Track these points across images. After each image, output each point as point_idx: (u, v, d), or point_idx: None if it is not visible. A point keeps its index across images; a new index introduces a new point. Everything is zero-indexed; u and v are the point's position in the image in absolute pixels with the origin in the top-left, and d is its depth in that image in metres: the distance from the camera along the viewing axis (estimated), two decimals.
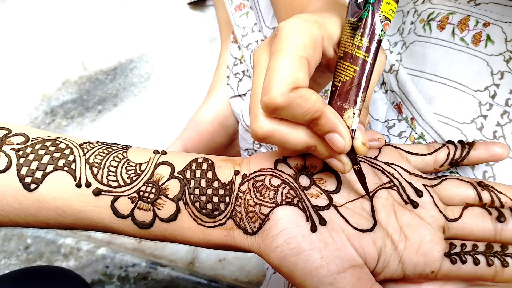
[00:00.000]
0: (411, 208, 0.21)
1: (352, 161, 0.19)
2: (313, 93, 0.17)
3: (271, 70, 0.17)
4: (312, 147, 0.19)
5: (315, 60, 0.18)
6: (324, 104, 0.17)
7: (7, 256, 0.51)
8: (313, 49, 0.18)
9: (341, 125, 0.18)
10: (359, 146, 0.19)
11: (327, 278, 0.18)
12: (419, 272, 0.20)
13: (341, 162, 0.19)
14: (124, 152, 0.21)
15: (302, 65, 0.17)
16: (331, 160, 0.19)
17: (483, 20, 0.25)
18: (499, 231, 0.21)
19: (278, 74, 0.17)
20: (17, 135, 0.21)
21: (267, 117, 0.18)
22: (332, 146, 0.18)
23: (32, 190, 0.20)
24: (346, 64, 0.18)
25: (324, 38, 0.19)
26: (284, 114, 0.18)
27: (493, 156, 0.23)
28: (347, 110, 0.18)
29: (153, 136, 0.61)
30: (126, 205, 0.20)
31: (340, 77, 0.19)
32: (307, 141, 0.19)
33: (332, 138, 0.18)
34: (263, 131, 0.18)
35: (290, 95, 0.17)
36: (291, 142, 0.18)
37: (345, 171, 0.19)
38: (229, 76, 0.43)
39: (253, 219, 0.20)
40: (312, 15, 0.19)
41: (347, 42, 0.19)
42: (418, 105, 0.27)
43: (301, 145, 0.19)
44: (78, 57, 0.68)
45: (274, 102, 0.17)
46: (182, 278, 0.49)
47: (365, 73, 0.18)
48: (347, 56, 0.18)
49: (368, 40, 0.18)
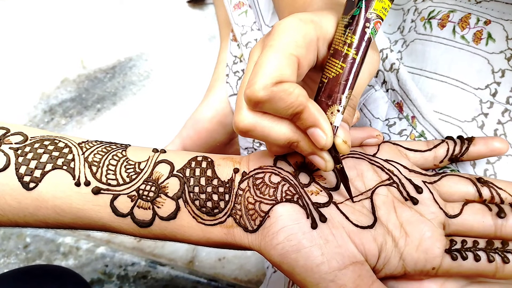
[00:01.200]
0: (411, 204, 0.21)
1: (334, 160, 0.19)
2: (297, 87, 0.17)
3: (258, 64, 0.17)
4: (295, 143, 0.19)
5: (308, 60, 0.18)
6: (307, 98, 0.17)
7: (6, 255, 0.51)
8: (306, 48, 0.18)
9: (323, 120, 0.18)
10: (340, 143, 0.18)
11: (328, 274, 0.18)
12: (420, 268, 0.20)
13: (322, 159, 0.19)
14: (123, 150, 0.21)
15: (290, 62, 0.17)
16: (313, 157, 0.19)
17: (484, 18, 0.25)
18: (500, 227, 0.21)
19: (263, 68, 0.17)
20: (16, 134, 0.21)
21: (250, 110, 0.18)
22: (314, 141, 0.18)
23: (31, 189, 0.20)
24: (334, 61, 0.18)
25: (319, 38, 0.19)
26: (266, 108, 0.18)
27: (492, 150, 0.23)
28: (331, 106, 0.18)
29: (152, 134, 0.61)
30: (126, 204, 0.20)
31: (328, 73, 0.19)
32: (289, 136, 0.19)
33: (313, 133, 0.18)
34: (244, 124, 0.18)
35: (273, 89, 0.17)
36: (273, 136, 0.18)
37: (326, 169, 0.19)
38: (229, 75, 0.43)
39: (253, 216, 0.20)
40: (308, 14, 0.19)
41: (338, 39, 0.19)
42: (418, 104, 0.27)
43: (283, 139, 0.19)
44: (77, 55, 0.67)
45: (256, 95, 0.17)
46: (181, 277, 0.49)
47: (352, 71, 0.18)
48: (336, 53, 0.18)
49: (358, 38, 0.18)
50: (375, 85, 0.30)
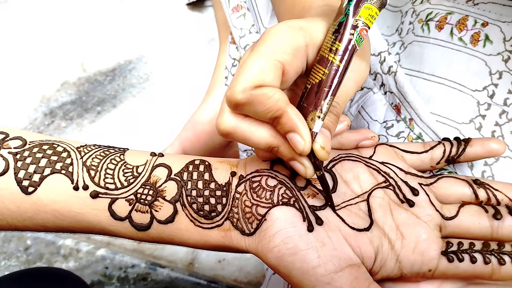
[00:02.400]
0: (407, 207, 0.21)
1: (314, 166, 0.19)
2: (277, 92, 0.17)
3: (241, 67, 0.17)
4: (275, 148, 0.19)
5: (295, 67, 0.18)
6: (287, 103, 0.17)
7: (7, 257, 0.51)
8: (292, 55, 0.18)
9: (302, 125, 0.18)
10: (318, 149, 0.18)
11: (325, 277, 0.18)
12: (416, 270, 0.20)
13: (302, 165, 0.19)
14: (121, 154, 0.22)
15: (273, 67, 0.17)
16: (294, 163, 0.19)
17: (481, 20, 0.25)
18: (496, 228, 0.21)
19: (245, 71, 0.17)
20: (15, 139, 0.21)
21: (232, 113, 0.18)
22: (293, 146, 0.18)
23: (29, 193, 0.20)
24: (319, 67, 0.18)
25: (309, 45, 0.19)
26: (246, 110, 0.18)
27: (489, 152, 0.23)
28: (312, 112, 0.18)
29: (152, 136, 0.61)
30: (124, 208, 0.20)
31: (312, 79, 0.18)
32: (269, 141, 0.19)
33: (292, 138, 0.18)
34: (225, 126, 0.18)
35: (252, 92, 0.17)
36: (253, 140, 0.18)
37: (306, 175, 0.19)
38: (228, 77, 0.43)
39: (250, 219, 0.20)
40: (299, 21, 0.19)
41: (325, 46, 0.18)
42: (416, 106, 0.27)
43: (263, 144, 0.19)
44: (77, 58, 0.68)
45: (235, 97, 0.17)
46: (181, 278, 0.49)
47: (335, 78, 0.18)
48: (322, 60, 0.18)
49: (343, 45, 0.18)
50: (373, 87, 0.30)
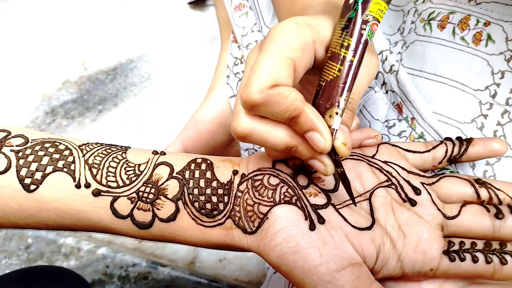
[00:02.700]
0: (409, 206, 0.21)
1: (334, 163, 0.19)
2: (293, 91, 0.17)
3: (253, 68, 0.17)
4: (293, 148, 0.19)
5: (304, 63, 0.18)
6: (304, 102, 0.17)
7: (8, 256, 0.51)
8: (302, 51, 0.18)
9: (321, 123, 0.17)
10: (339, 146, 0.18)
11: (326, 276, 0.18)
12: (418, 270, 0.20)
13: (322, 163, 0.19)
14: (123, 153, 0.22)
15: (285, 65, 0.17)
16: (313, 162, 0.19)
17: (483, 19, 0.25)
18: (498, 228, 0.21)
19: (259, 71, 0.17)
20: (17, 137, 0.21)
21: (247, 115, 0.18)
22: (313, 145, 0.18)
23: (31, 191, 0.20)
24: (332, 63, 0.18)
25: (316, 41, 0.19)
26: (262, 111, 0.18)
27: (491, 152, 0.23)
28: (329, 109, 0.18)
29: (153, 135, 0.61)
30: (126, 206, 0.20)
31: (325, 76, 0.18)
32: (287, 141, 0.18)
33: (312, 136, 0.18)
34: (242, 129, 0.18)
35: (269, 92, 0.17)
36: (271, 141, 0.18)
37: (327, 173, 0.19)
38: (229, 76, 0.43)
39: (252, 218, 0.20)
40: (304, 18, 0.19)
41: (335, 42, 0.19)
42: (418, 105, 0.27)
43: (281, 145, 0.18)
44: (78, 57, 0.68)
45: (251, 98, 0.17)
46: (182, 277, 0.49)
47: (350, 73, 0.18)
48: (334, 56, 0.18)
49: (355, 40, 0.18)
50: (374, 86, 0.30)
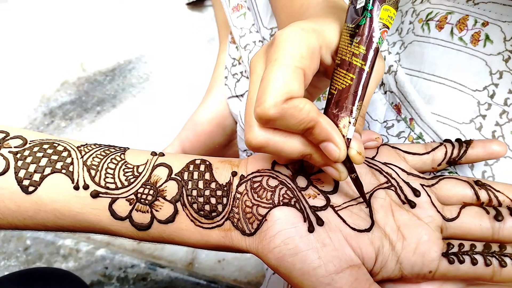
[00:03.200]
0: (409, 208, 0.21)
1: (348, 170, 0.19)
2: (307, 103, 0.17)
3: (265, 80, 0.17)
4: (308, 156, 0.19)
5: (312, 70, 0.18)
6: (318, 113, 0.17)
7: (6, 258, 0.51)
8: (310, 59, 0.18)
9: (336, 134, 0.18)
10: (354, 155, 0.18)
11: (325, 278, 0.18)
12: (417, 272, 0.20)
13: (337, 170, 0.19)
14: (121, 154, 0.21)
15: (297, 76, 0.17)
16: (327, 168, 0.19)
17: (482, 19, 0.25)
18: (497, 230, 0.21)
19: (271, 85, 0.17)
20: (15, 138, 0.21)
21: (261, 127, 0.18)
22: (328, 155, 0.18)
23: (30, 192, 0.20)
24: (343, 72, 0.18)
25: (322, 47, 0.19)
26: (278, 125, 0.18)
27: (491, 154, 0.23)
28: (343, 118, 0.18)
29: (152, 136, 0.61)
30: (124, 207, 0.20)
31: (337, 85, 0.18)
32: (302, 150, 0.19)
33: (326, 147, 0.18)
34: (257, 142, 0.18)
35: (284, 106, 0.17)
36: (286, 151, 0.18)
37: (341, 179, 0.19)
38: (227, 77, 0.43)
39: (250, 220, 0.20)
40: (310, 23, 0.19)
41: (344, 49, 0.18)
42: (416, 106, 0.27)
43: (296, 154, 0.19)
44: (76, 58, 0.68)
45: (267, 113, 0.17)
46: (181, 279, 0.49)
47: (361, 82, 0.18)
48: (344, 64, 0.18)
49: (366, 48, 0.18)
50: None
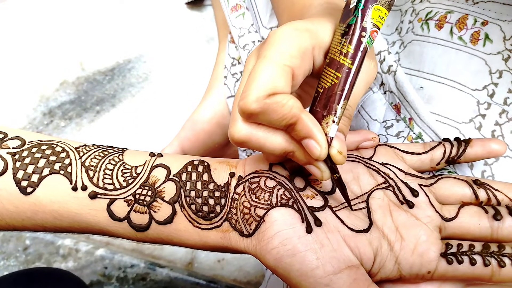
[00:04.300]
0: (407, 208, 0.21)
1: (330, 170, 0.19)
2: (291, 99, 0.17)
3: (251, 76, 0.17)
4: (290, 153, 0.19)
5: (303, 70, 0.18)
6: (301, 110, 0.17)
7: (5, 257, 0.51)
8: (300, 58, 0.18)
9: (317, 131, 0.17)
10: (335, 154, 0.18)
11: (323, 279, 0.18)
12: (415, 272, 0.20)
13: (319, 169, 0.19)
14: (120, 155, 0.21)
15: (283, 73, 0.17)
16: (309, 167, 0.19)
17: (481, 18, 0.25)
18: (496, 229, 0.20)
19: (256, 80, 0.17)
20: (13, 139, 0.21)
21: (245, 121, 0.18)
22: (309, 152, 0.18)
23: (28, 193, 0.20)
24: (330, 70, 0.18)
25: (315, 48, 0.18)
26: (260, 119, 0.18)
27: (490, 152, 0.23)
28: (326, 117, 0.18)
29: (151, 136, 0.61)
30: (122, 208, 0.20)
31: (323, 83, 0.18)
32: (284, 147, 0.19)
33: (308, 144, 0.18)
34: (239, 136, 0.18)
35: (266, 101, 0.17)
36: (268, 147, 0.18)
37: (323, 179, 0.19)
38: (227, 76, 0.43)
39: (248, 221, 0.20)
40: (304, 23, 0.19)
41: (334, 49, 0.18)
42: (416, 105, 0.27)
43: (278, 150, 0.19)
44: (76, 57, 0.68)
45: (249, 107, 0.17)
46: (181, 278, 0.49)
47: (348, 81, 0.18)
48: (332, 63, 0.18)
49: (354, 48, 0.17)
50: (373, 87, 0.30)
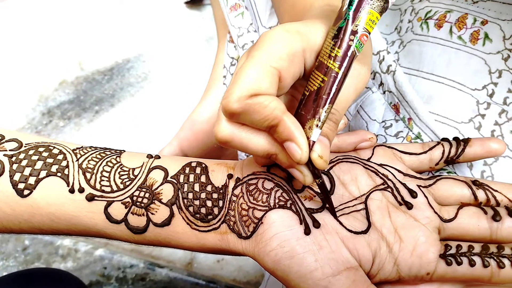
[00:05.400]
0: (406, 209, 0.21)
1: (313, 174, 0.19)
2: (274, 100, 0.17)
3: (237, 75, 0.17)
4: (274, 155, 0.19)
5: (292, 72, 0.18)
6: (283, 112, 0.17)
7: (5, 258, 0.51)
8: (289, 61, 0.17)
9: (298, 134, 0.17)
10: (316, 158, 0.18)
11: (322, 281, 0.18)
12: (414, 273, 0.20)
13: (301, 173, 0.19)
14: (117, 156, 0.21)
15: (269, 75, 0.17)
16: (292, 171, 0.19)
17: (481, 18, 0.25)
18: (495, 230, 0.20)
19: (240, 80, 0.17)
20: (10, 141, 0.21)
21: (228, 121, 0.18)
22: (290, 155, 0.18)
23: (25, 196, 0.20)
24: (318, 74, 0.18)
25: (306, 50, 0.18)
26: (242, 119, 0.18)
27: (489, 152, 0.22)
28: (310, 120, 0.18)
29: (150, 135, 0.61)
30: (120, 210, 0.20)
31: (310, 86, 0.18)
32: (267, 148, 0.18)
33: (289, 146, 0.17)
34: (222, 135, 0.18)
35: (248, 101, 0.17)
36: (251, 147, 0.18)
37: (305, 183, 0.19)
38: (226, 76, 0.43)
39: (246, 223, 0.20)
40: (296, 25, 0.18)
41: (324, 51, 0.18)
42: (415, 105, 0.27)
43: (261, 151, 0.18)
44: (75, 57, 0.67)
45: (230, 107, 0.17)
46: (180, 278, 0.49)
47: (334, 85, 0.17)
48: (320, 66, 0.18)
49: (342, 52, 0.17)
50: (372, 87, 0.30)
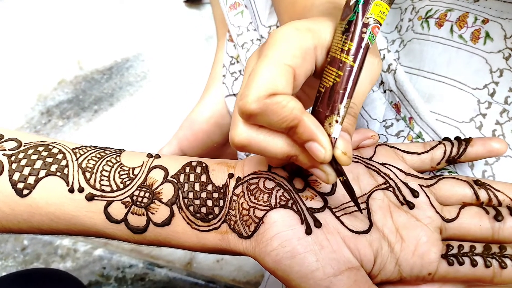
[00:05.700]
0: (407, 209, 0.21)
1: (336, 172, 0.18)
2: (292, 100, 0.17)
3: (251, 75, 0.17)
4: (294, 157, 0.18)
5: (305, 70, 0.18)
6: (302, 111, 0.17)
7: (3, 258, 0.51)
8: (302, 58, 0.17)
9: (320, 133, 0.17)
10: (339, 155, 0.17)
11: (323, 281, 0.18)
12: (416, 274, 0.20)
13: (324, 172, 0.18)
14: (117, 156, 0.21)
15: (284, 73, 0.17)
16: (314, 170, 0.18)
17: (482, 17, 0.25)
18: (497, 230, 0.20)
19: (256, 80, 0.16)
20: (9, 140, 0.21)
21: (245, 124, 0.17)
22: (312, 155, 0.17)
23: (24, 196, 0.20)
24: (332, 69, 0.18)
25: (317, 47, 0.18)
26: (260, 121, 0.17)
27: (491, 151, 0.22)
28: (329, 117, 0.17)
29: (149, 135, 0.61)
30: (120, 210, 0.20)
31: (325, 82, 0.18)
32: (287, 150, 0.18)
33: (311, 147, 0.17)
34: (240, 139, 0.17)
35: (266, 101, 0.16)
36: (270, 151, 0.18)
37: (329, 182, 0.18)
38: (225, 75, 0.43)
39: (247, 222, 0.20)
40: (305, 22, 0.18)
41: (335, 47, 0.18)
42: (416, 105, 0.26)
43: (281, 154, 0.18)
44: (73, 56, 0.67)
45: (248, 107, 0.16)
46: (179, 278, 0.49)
47: (350, 79, 0.17)
48: (333, 61, 0.18)
49: (355, 44, 0.17)
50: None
